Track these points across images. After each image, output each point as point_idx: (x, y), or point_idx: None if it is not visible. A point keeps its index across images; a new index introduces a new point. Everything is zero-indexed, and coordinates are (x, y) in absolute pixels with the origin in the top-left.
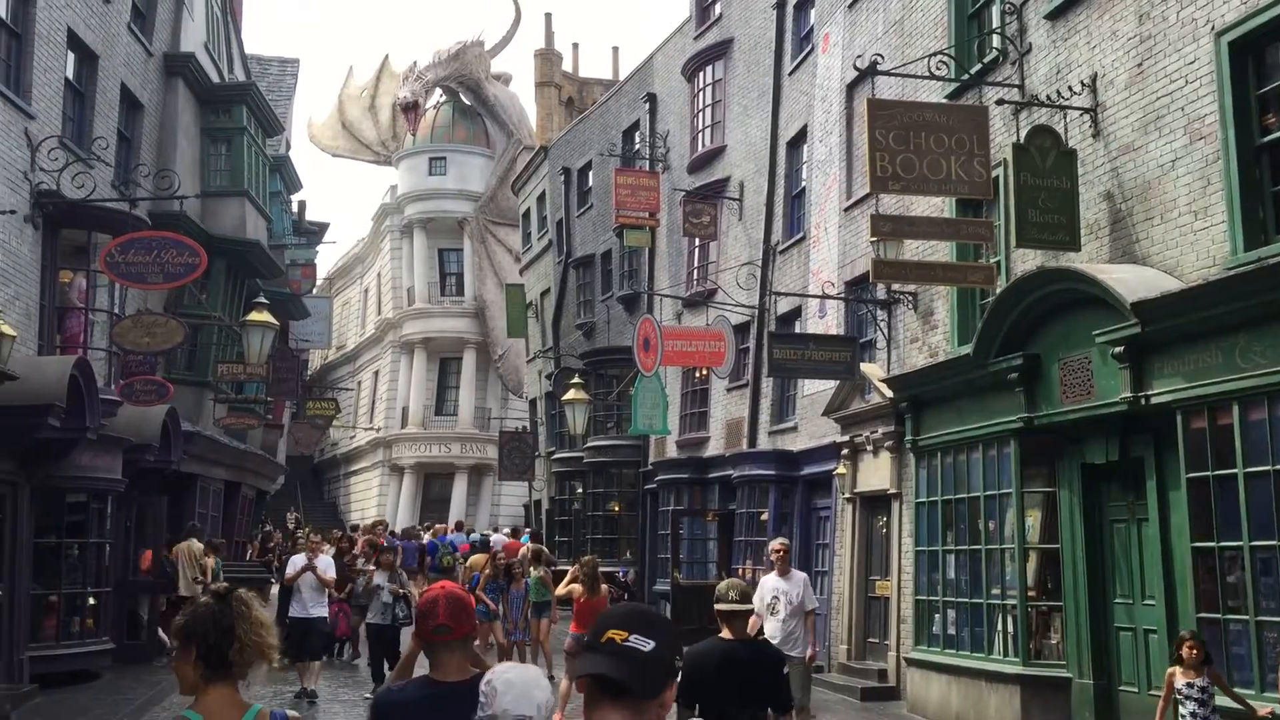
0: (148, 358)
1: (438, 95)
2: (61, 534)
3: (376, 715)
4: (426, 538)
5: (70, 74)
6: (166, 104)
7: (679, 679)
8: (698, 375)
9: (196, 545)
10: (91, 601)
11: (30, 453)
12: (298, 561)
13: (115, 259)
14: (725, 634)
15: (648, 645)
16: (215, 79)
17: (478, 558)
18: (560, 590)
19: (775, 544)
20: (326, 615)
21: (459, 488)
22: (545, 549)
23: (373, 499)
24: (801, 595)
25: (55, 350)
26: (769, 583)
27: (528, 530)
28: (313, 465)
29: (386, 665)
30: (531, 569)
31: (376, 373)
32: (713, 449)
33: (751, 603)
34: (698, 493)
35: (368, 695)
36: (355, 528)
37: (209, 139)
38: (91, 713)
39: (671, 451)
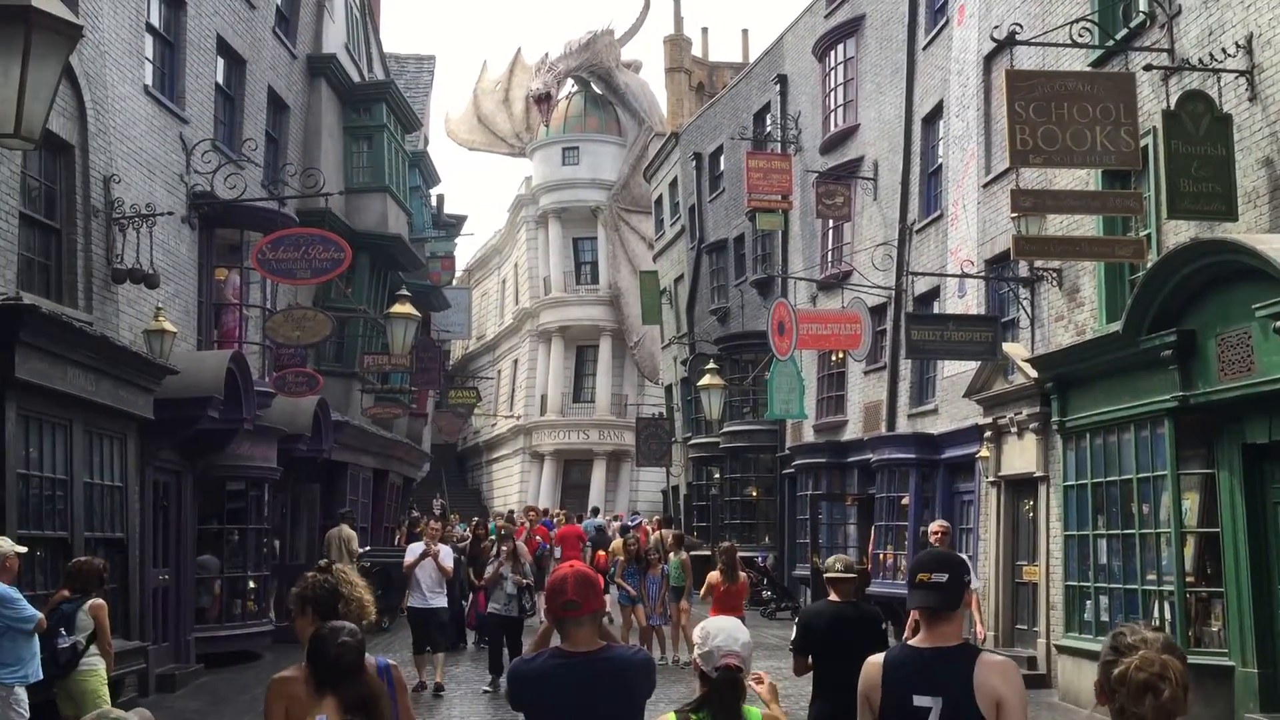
0: (298, 350)
1: (569, 86)
2: (223, 520)
3: (512, 686)
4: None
5: (220, 79)
6: (310, 105)
7: (796, 634)
8: (834, 359)
9: (348, 530)
10: (252, 585)
11: (192, 443)
12: (415, 550)
13: (266, 256)
14: (833, 597)
15: (944, 577)
16: (356, 79)
17: (617, 543)
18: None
19: (935, 526)
20: (446, 605)
21: (598, 474)
22: (685, 534)
23: (514, 485)
24: None
25: (213, 345)
26: None
27: (627, 517)
28: (457, 453)
29: (506, 656)
30: (671, 554)
31: (515, 361)
32: (850, 433)
33: (854, 572)
34: (836, 477)
35: (486, 688)
36: (502, 514)
37: (351, 137)
38: (253, 691)
39: (809, 436)
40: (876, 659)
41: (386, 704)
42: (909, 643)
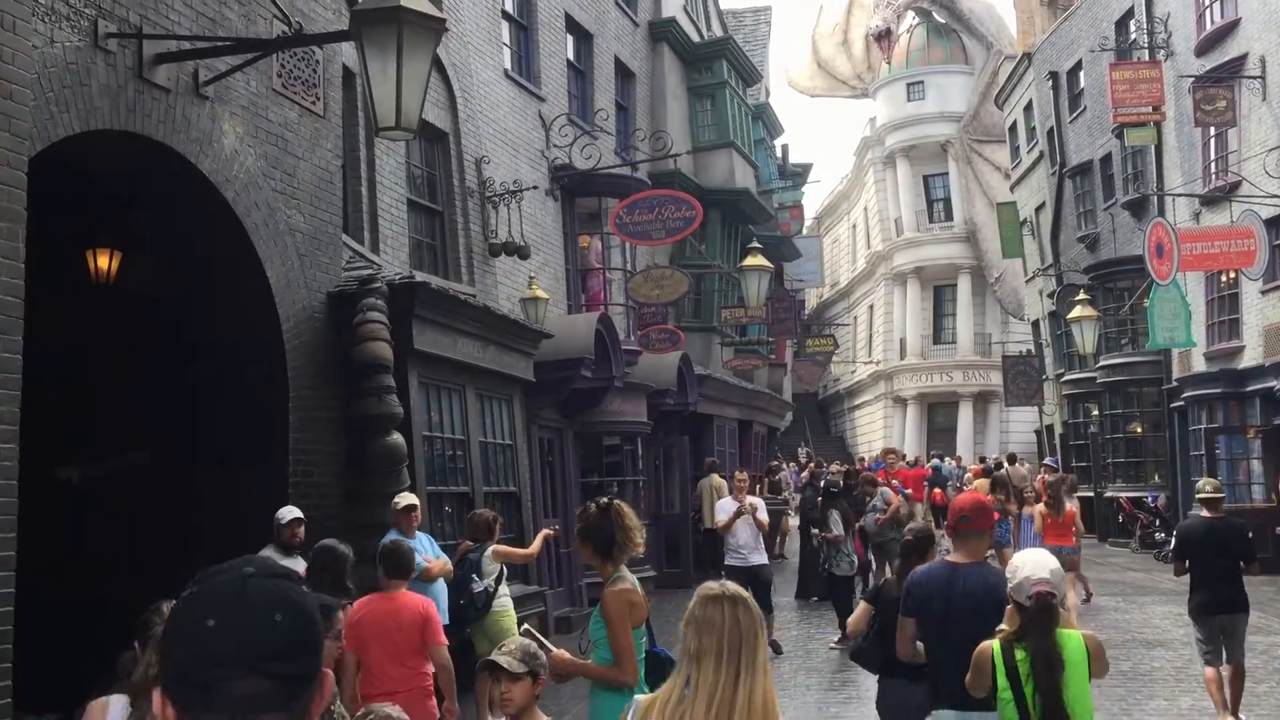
0: (659, 309)
1: (910, 19)
2: (602, 473)
3: (909, 590)
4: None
5: (570, 55)
6: (654, 70)
7: (1175, 544)
8: (1224, 279)
9: (718, 480)
10: None
11: (569, 402)
12: (727, 506)
13: (623, 220)
14: (1204, 513)
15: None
16: (695, 39)
17: (981, 482)
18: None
19: None
20: (766, 562)
21: (964, 416)
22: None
23: (878, 431)
24: None
25: (581, 308)
26: None
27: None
28: (818, 401)
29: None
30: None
31: (871, 306)
32: (1249, 359)
33: (1220, 493)
34: (1234, 408)
35: (834, 645)
36: (861, 459)
37: (694, 96)
38: None
39: (1199, 365)
40: None
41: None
42: None
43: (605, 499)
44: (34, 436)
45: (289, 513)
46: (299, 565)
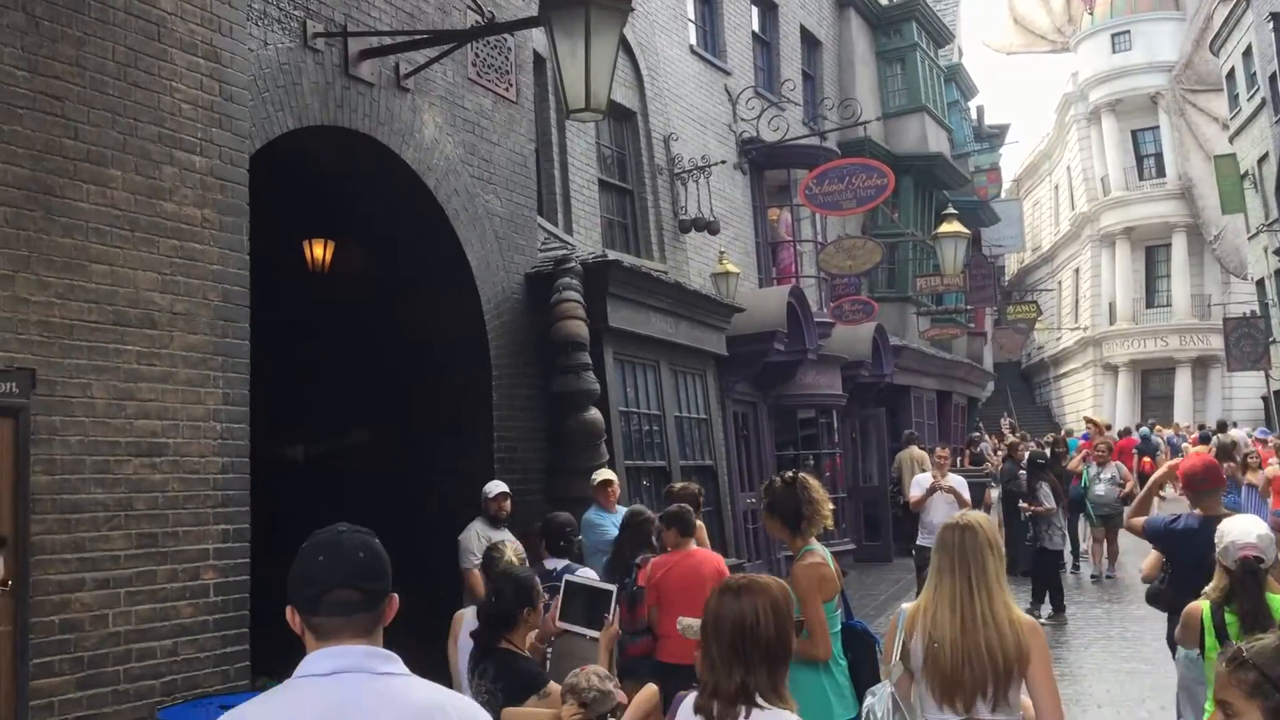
0: (852, 279)
1: None
2: (797, 446)
3: (1154, 535)
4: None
5: (755, 26)
6: (841, 36)
7: None
8: None
9: (917, 451)
10: (830, 507)
11: (762, 375)
12: (922, 481)
13: (812, 191)
14: None
15: None
16: (883, 2)
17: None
18: None
19: None
20: None
21: (1181, 383)
22: None
23: (1086, 400)
24: None
25: (772, 281)
26: None
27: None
28: (1020, 370)
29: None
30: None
31: (1076, 270)
32: None
33: None
34: None
35: (1043, 620)
36: (1069, 431)
37: (883, 61)
38: (854, 601)
39: None
40: None
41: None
42: None
43: (791, 472)
44: (262, 418)
45: (495, 487)
46: (506, 536)
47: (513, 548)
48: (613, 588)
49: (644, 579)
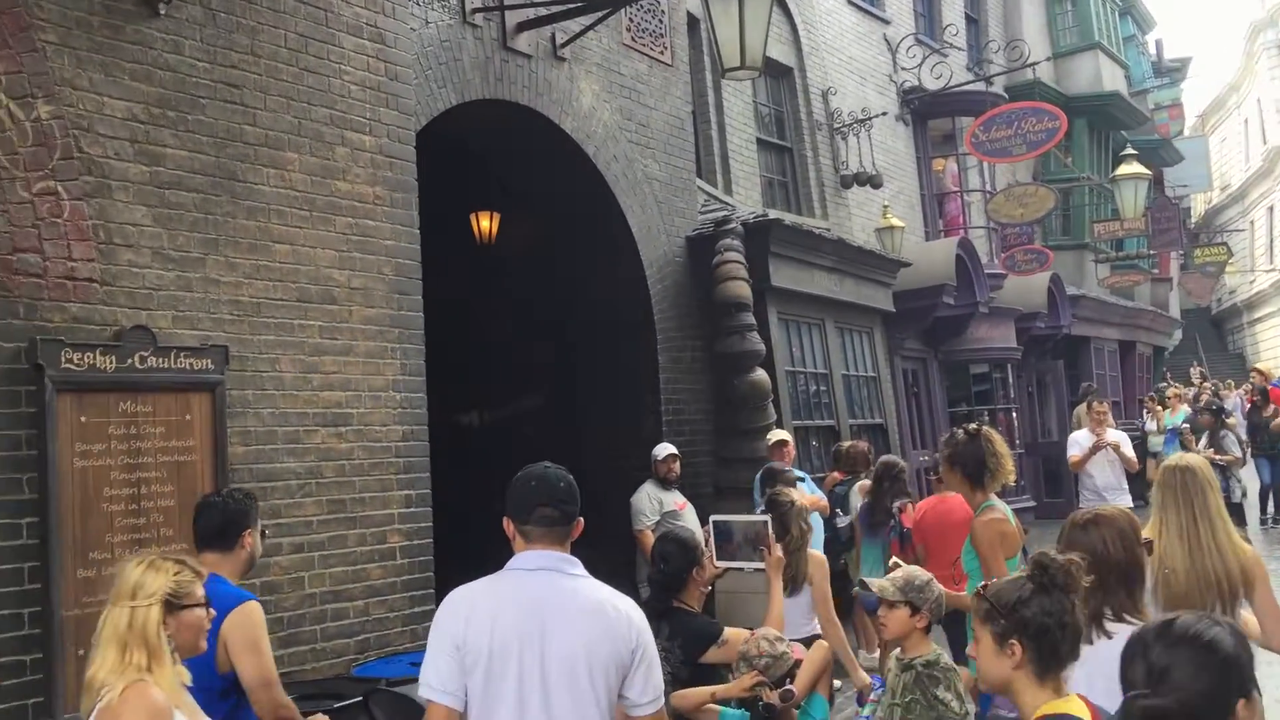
0: (1024, 228)
1: None
2: (970, 402)
3: None
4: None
5: None
6: None
7: None
8: None
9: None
10: None
11: (931, 330)
12: (1081, 440)
13: (979, 138)
14: None
15: None
16: None
17: None
18: None
19: None
20: (1130, 505)
21: None
22: None
23: None
24: None
25: (938, 234)
26: None
27: None
28: (1210, 316)
29: None
30: None
31: (1270, 208)
32: None
33: None
34: None
35: None
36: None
37: None
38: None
39: None
40: None
41: None
42: None
43: (975, 425)
44: (436, 387)
45: (665, 449)
46: (676, 498)
47: (797, 491)
48: (766, 518)
49: (909, 521)
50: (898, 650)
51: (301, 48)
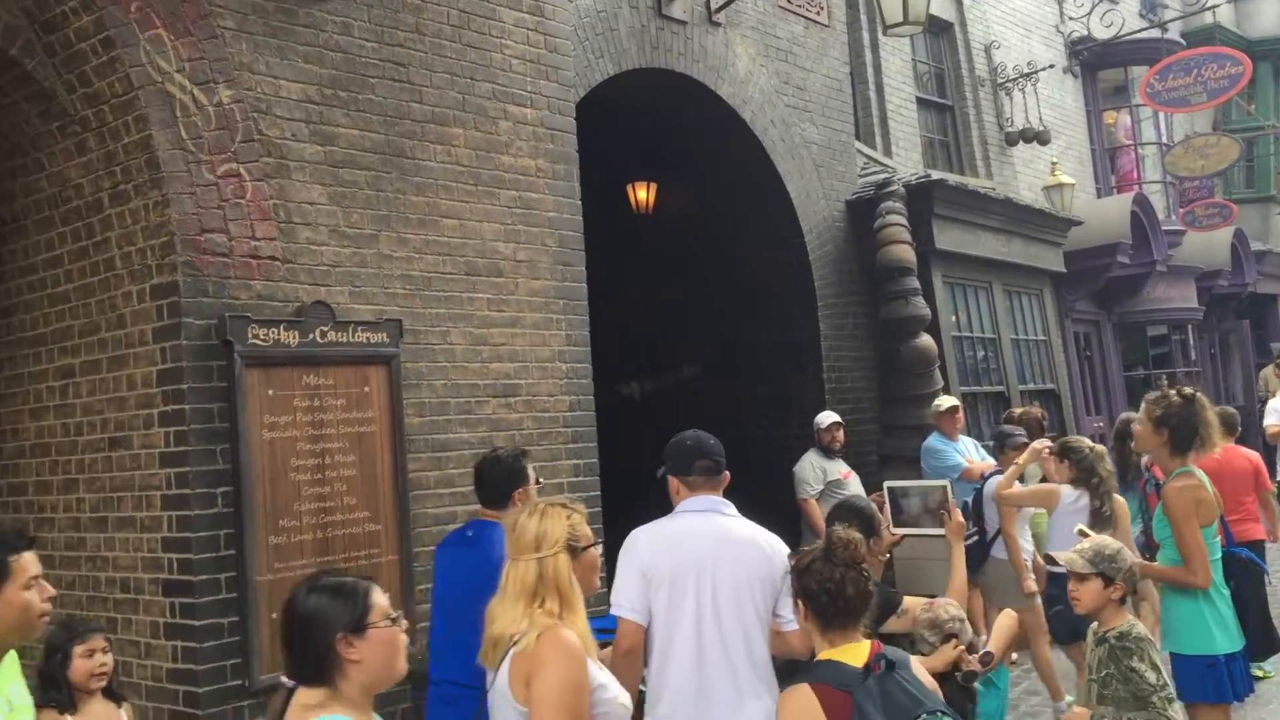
0: (1204, 181)
1: None
2: (1148, 366)
3: None
4: None
5: None
6: None
7: None
8: None
9: None
10: None
11: (1104, 291)
12: (1277, 408)
13: (1155, 88)
14: None
15: None
16: None
17: None
18: None
19: None
20: None
21: None
22: None
23: None
24: None
25: (1111, 190)
26: None
27: None
28: None
29: None
30: None
31: None
32: None
33: None
34: None
35: None
36: None
37: None
38: None
39: None
40: None
41: None
42: None
43: (1189, 389)
44: (599, 357)
45: (827, 417)
46: (841, 467)
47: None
48: (944, 483)
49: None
50: (1094, 624)
51: (464, 24)
